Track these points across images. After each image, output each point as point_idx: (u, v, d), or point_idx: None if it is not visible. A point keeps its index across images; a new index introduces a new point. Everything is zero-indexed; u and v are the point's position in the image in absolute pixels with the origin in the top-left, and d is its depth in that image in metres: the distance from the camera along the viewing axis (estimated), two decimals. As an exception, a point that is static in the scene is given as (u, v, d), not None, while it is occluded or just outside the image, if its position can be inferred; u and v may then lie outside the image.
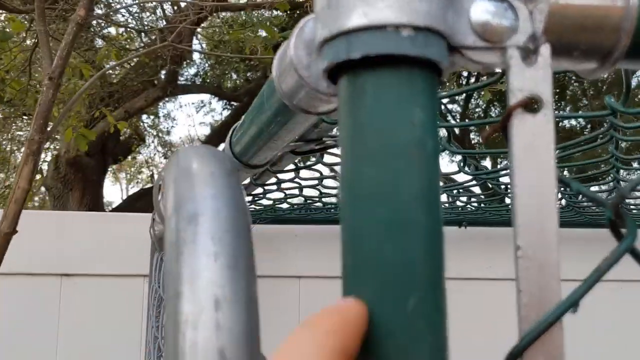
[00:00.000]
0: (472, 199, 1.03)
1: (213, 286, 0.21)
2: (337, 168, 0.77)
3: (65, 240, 1.32)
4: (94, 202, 5.01)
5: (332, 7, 0.20)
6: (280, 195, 0.90)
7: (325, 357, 0.16)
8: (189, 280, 0.22)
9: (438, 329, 0.19)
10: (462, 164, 0.60)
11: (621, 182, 0.74)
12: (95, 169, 5.11)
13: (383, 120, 0.19)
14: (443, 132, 0.66)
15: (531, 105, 0.20)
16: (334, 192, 0.94)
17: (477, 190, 1.28)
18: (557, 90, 6.31)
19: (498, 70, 0.22)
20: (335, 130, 0.49)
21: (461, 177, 0.95)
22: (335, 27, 0.19)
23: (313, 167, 0.62)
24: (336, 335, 0.17)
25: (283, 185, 0.79)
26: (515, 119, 0.20)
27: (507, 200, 1.11)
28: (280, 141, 0.37)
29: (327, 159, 0.60)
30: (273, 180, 0.72)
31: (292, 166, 0.65)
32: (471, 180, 0.72)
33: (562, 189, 0.84)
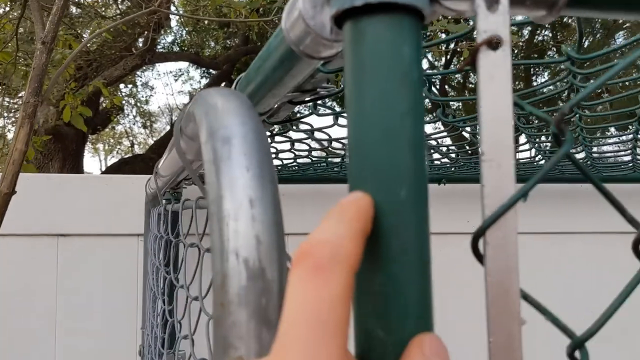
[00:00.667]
0: (451, 152, 1.10)
1: (247, 189, 0.27)
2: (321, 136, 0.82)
3: (62, 202, 1.36)
4: (75, 173, 5.01)
5: (339, -34, 0.25)
6: (271, 150, 0.96)
7: (353, 236, 0.22)
8: (228, 187, 0.27)
9: (423, 212, 0.25)
10: (441, 113, 0.66)
11: (583, 128, 0.81)
12: (75, 138, 5.08)
13: (379, 53, 0.24)
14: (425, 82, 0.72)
15: (493, 43, 0.26)
16: (322, 145, 1.00)
17: (454, 151, 1.34)
18: (536, 56, 6.42)
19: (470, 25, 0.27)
20: (328, 82, 0.54)
21: (441, 143, 1.01)
22: (342, -18, 0.25)
23: (304, 119, 0.68)
24: (358, 221, 0.23)
25: (276, 139, 0.85)
26: (481, 54, 0.26)
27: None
28: (284, 88, 0.43)
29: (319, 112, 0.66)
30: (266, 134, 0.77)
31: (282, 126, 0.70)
32: (449, 130, 0.78)
33: (524, 127, 0.91)
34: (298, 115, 0.69)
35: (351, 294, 0.22)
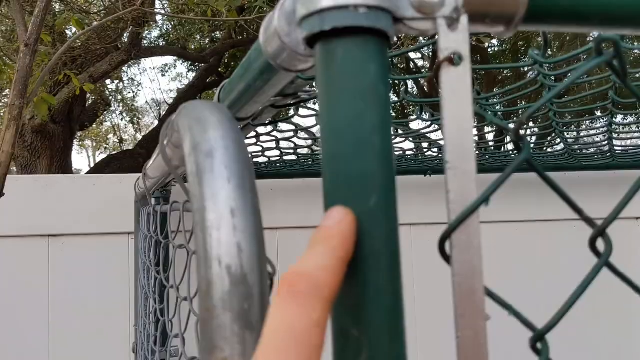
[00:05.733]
0: (433, 147, 1.12)
1: (229, 200, 0.29)
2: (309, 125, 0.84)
3: (51, 202, 1.37)
4: (63, 170, 4.99)
5: (309, -9, 0.27)
6: (258, 148, 0.98)
7: (334, 266, 0.24)
8: (211, 197, 0.29)
9: (392, 218, 0.27)
10: (419, 112, 0.68)
11: (560, 124, 0.83)
12: (62, 136, 5.06)
13: (348, 72, 0.26)
14: (409, 85, 0.74)
15: (454, 60, 0.28)
16: (307, 143, 1.02)
17: (437, 145, 1.37)
18: (523, 46, 6.49)
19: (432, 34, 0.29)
20: (308, 86, 0.56)
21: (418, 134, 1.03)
22: (312, 7, 0.27)
23: (288, 119, 0.70)
24: (342, 250, 0.25)
25: (261, 139, 0.86)
26: (443, 70, 0.28)
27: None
28: (264, 95, 0.45)
29: (302, 112, 0.68)
30: (252, 134, 0.79)
31: (268, 122, 0.72)
32: (430, 126, 0.80)
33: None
34: (282, 116, 0.71)
35: (326, 321, 0.23)
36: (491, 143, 1.34)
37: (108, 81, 6.63)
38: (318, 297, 0.23)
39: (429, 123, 0.76)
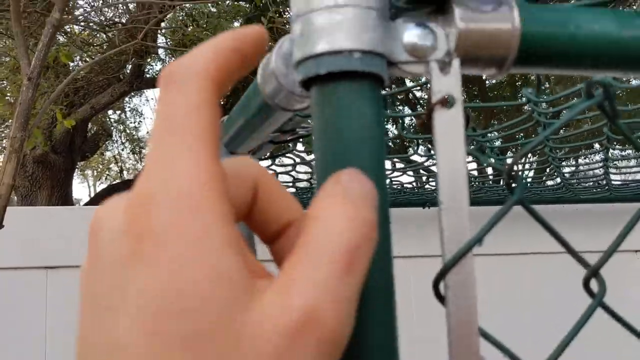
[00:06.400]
0: (431, 179, 1.13)
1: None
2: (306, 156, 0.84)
3: (49, 234, 1.37)
4: (63, 200, 4.99)
5: (304, 36, 0.28)
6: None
7: (214, 49, 0.22)
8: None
9: (386, 256, 0.27)
10: (416, 148, 0.69)
11: (556, 158, 0.84)
12: (63, 166, 5.08)
13: (343, 115, 0.27)
14: (405, 121, 0.75)
15: (447, 102, 0.28)
16: (305, 177, 1.02)
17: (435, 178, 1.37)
18: (522, 77, 6.58)
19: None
20: (305, 123, 0.57)
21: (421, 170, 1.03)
22: (307, 51, 0.27)
23: (287, 154, 0.70)
24: (227, 37, 0.23)
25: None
26: (436, 112, 0.29)
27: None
28: (263, 132, 0.45)
29: (299, 147, 0.68)
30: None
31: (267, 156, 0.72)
32: (427, 160, 0.81)
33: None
34: (282, 149, 0.72)
35: (212, 103, 0.22)
36: (491, 176, 1.35)
37: (110, 111, 6.68)
38: (194, 77, 0.21)
39: (426, 157, 0.77)
